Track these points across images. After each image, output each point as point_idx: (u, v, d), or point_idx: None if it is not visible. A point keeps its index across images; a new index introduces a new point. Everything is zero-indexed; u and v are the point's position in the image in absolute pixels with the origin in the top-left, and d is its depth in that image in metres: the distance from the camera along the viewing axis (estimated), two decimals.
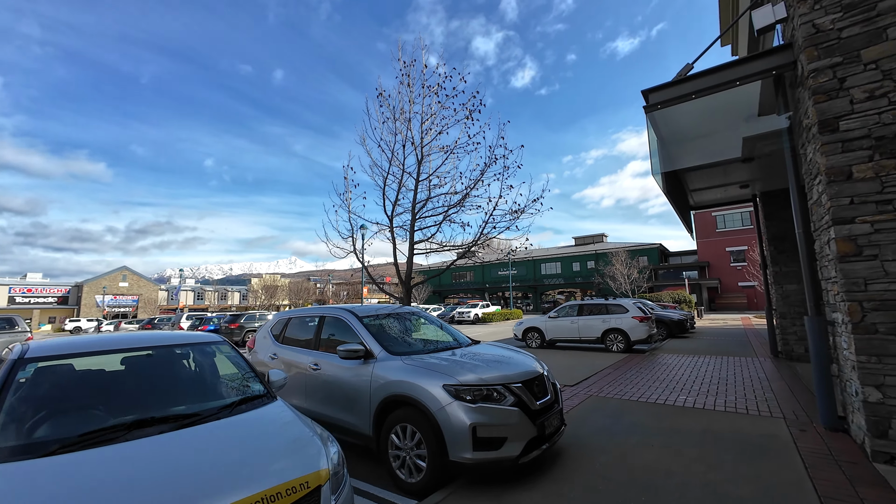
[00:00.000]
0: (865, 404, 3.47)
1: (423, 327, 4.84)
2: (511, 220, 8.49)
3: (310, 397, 4.26)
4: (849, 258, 3.64)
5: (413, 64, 8.44)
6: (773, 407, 5.19)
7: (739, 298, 38.99)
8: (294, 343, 4.78)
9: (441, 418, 3.08)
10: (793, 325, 9.05)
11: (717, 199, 10.57)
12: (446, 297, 60.37)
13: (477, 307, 31.71)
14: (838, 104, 3.80)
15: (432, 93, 8.58)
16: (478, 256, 9.34)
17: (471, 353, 3.92)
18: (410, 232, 8.18)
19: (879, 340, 3.46)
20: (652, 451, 3.78)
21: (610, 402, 5.70)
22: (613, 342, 11.37)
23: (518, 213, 8.51)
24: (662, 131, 5.86)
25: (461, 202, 8.57)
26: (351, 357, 3.75)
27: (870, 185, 3.60)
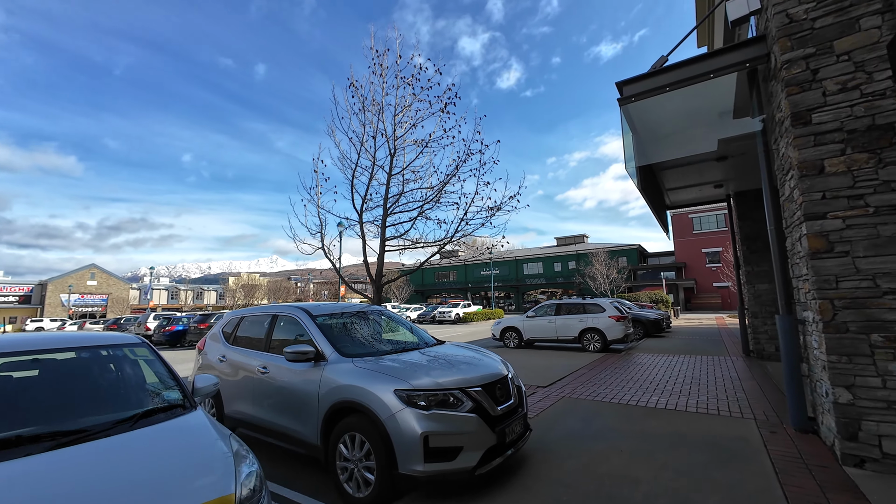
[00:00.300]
0: (836, 405, 3.35)
1: (386, 327, 4.55)
2: (487, 216, 8.27)
3: (257, 404, 3.92)
4: (820, 255, 3.53)
5: (386, 53, 8.13)
6: (743, 407, 5.10)
7: (714, 298, 39.98)
8: (245, 344, 4.42)
9: (391, 427, 2.80)
10: (764, 324, 9.12)
11: (692, 199, 10.62)
12: (429, 297, 60.04)
13: (458, 307, 31.52)
14: (811, 96, 3.69)
15: (406, 84, 8.28)
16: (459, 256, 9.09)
17: (431, 355, 3.65)
18: (382, 228, 7.86)
19: (850, 340, 3.35)
20: (620, 458, 3.59)
21: (582, 403, 5.52)
22: (590, 342, 11.30)
23: (494, 210, 8.30)
24: (637, 126, 5.72)
25: (437, 198, 8.30)
26: (299, 359, 3.42)
27: (841, 179, 3.50)
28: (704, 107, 5.49)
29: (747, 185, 9.29)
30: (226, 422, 4.24)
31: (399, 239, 8.36)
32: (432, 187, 8.06)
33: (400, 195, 8.32)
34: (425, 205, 8.31)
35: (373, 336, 4.14)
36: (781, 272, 4.34)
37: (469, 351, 3.95)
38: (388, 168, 8.12)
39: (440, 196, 8.33)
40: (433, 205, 8.37)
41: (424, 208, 8.36)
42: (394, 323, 4.74)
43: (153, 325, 19.95)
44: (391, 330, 4.57)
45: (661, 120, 5.71)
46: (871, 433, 3.21)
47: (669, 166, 7.84)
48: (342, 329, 4.03)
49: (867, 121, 3.43)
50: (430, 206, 8.39)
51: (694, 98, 5.23)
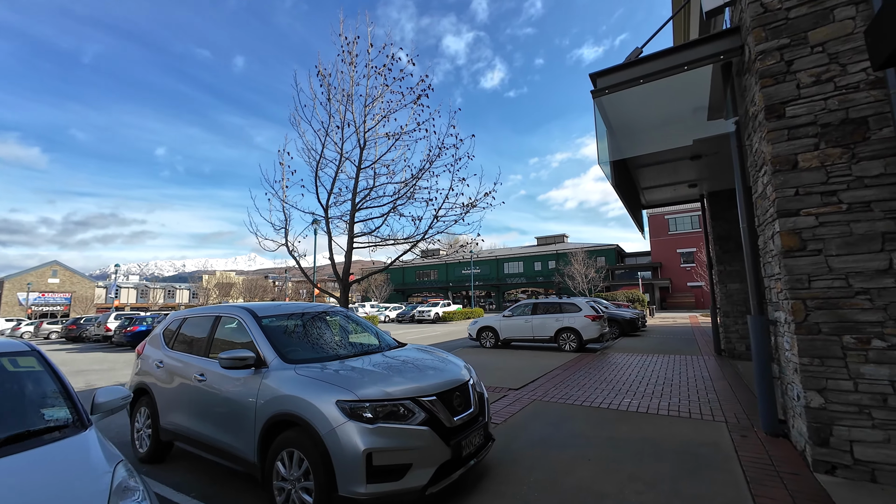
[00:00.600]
0: (807, 410, 3.22)
1: (343, 329, 4.21)
2: (462, 213, 8.01)
3: (194, 415, 3.52)
4: (793, 253, 3.40)
5: (356, 41, 7.75)
6: (714, 410, 5.00)
7: (688, 298, 41.01)
8: (185, 348, 4.01)
9: (330, 443, 2.48)
10: (735, 323, 9.19)
11: (667, 199, 10.64)
12: (409, 296, 59.56)
13: (437, 306, 31.23)
14: (785, 88, 3.56)
15: (378, 74, 7.93)
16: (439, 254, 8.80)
17: (387, 360, 3.35)
18: (350, 224, 7.49)
19: (822, 341, 3.23)
20: (587, 468, 3.37)
21: (553, 407, 5.32)
22: (566, 341, 11.20)
23: (469, 207, 8.04)
24: (612, 120, 5.55)
25: (411, 194, 7.99)
26: (235, 366, 3.06)
27: (815, 174, 3.37)
28: (679, 102, 5.37)
29: (720, 186, 9.34)
30: (161, 435, 3.83)
31: (369, 236, 8.02)
32: (405, 182, 7.74)
33: (371, 189, 7.97)
34: (398, 200, 7.99)
35: (327, 339, 3.79)
36: (753, 271, 4.22)
37: (429, 355, 3.66)
38: (358, 161, 7.75)
39: (414, 192, 8.03)
40: (406, 200, 8.07)
41: (397, 204, 8.04)
42: (355, 325, 4.40)
43: (114, 325, 18.89)
44: (350, 332, 4.23)
45: (636, 115, 5.56)
46: (843, 438, 3.09)
47: (644, 164, 7.77)
48: (292, 332, 3.67)
49: (841, 114, 3.31)
50: (402, 202, 8.08)
51: (668, 93, 5.09)
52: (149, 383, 4.11)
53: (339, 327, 4.19)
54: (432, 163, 7.89)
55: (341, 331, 4.16)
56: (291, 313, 3.90)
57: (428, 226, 7.95)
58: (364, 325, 4.44)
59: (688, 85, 4.92)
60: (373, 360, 3.28)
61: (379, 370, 3.03)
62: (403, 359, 3.42)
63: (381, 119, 7.93)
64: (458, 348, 12.86)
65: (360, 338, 4.15)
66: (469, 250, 8.58)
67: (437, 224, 7.97)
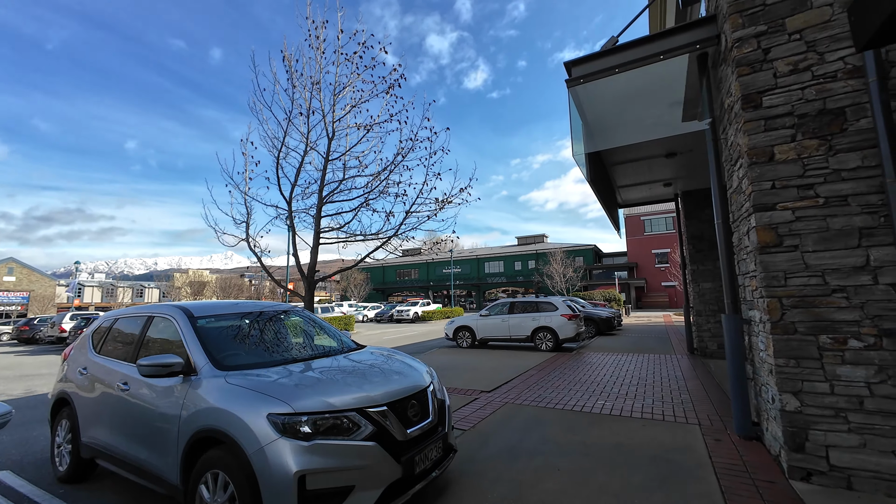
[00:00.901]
0: (783, 413, 3.07)
1: (297, 331, 3.84)
2: (436, 208, 7.73)
3: (116, 429, 3.10)
4: (769, 249, 3.25)
5: (325, 25, 7.33)
6: (688, 411, 4.87)
7: (662, 297, 41.99)
8: (112, 352, 3.56)
9: (258, 464, 2.14)
10: (707, 322, 9.24)
11: (643, 198, 10.64)
12: (389, 296, 58.91)
13: (417, 305, 30.88)
14: (762, 77, 3.41)
15: (348, 61, 7.54)
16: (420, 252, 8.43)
17: (338, 365, 3.02)
18: (316, 218, 7.08)
19: (798, 341, 3.08)
20: (556, 480, 3.13)
21: (524, 410, 5.09)
22: (542, 341, 11.07)
23: (444, 203, 7.77)
24: (587, 112, 5.36)
25: (385, 188, 7.64)
26: (158, 373, 2.66)
27: (791, 167, 3.23)
28: (655, 96, 5.22)
29: (694, 185, 9.37)
30: (82, 451, 3.38)
31: (338, 231, 7.63)
32: (376, 175, 7.38)
33: (340, 182, 7.58)
34: (369, 194, 7.63)
35: (275, 342, 3.42)
36: (728, 269, 4.09)
37: (387, 359, 3.35)
38: (326, 152, 7.35)
39: (387, 186, 7.69)
40: (378, 195, 7.72)
41: (369, 198, 7.68)
42: (311, 326, 4.04)
43: (70, 325, 17.72)
44: (303, 335, 3.87)
45: (611, 107, 5.39)
46: (819, 443, 2.95)
47: (620, 161, 7.67)
48: (233, 334, 3.29)
49: (818, 105, 3.18)
50: (374, 196, 7.72)
51: (644, 85, 4.93)
52: (70, 392, 3.64)
53: (293, 329, 3.82)
54: (405, 156, 7.58)
55: (294, 333, 3.79)
56: (236, 313, 3.51)
57: (400, 221, 7.64)
58: (322, 326, 4.09)
59: (664, 77, 4.77)
60: (322, 366, 2.94)
61: (325, 377, 2.70)
62: (357, 364, 3.09)
63: (351, 108, 7.55)
64: (433, 348, 12.57)
65: (316, 340, 3.80)
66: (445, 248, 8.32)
67: (409, 220, 7.67)
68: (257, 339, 3.32)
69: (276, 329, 3.63)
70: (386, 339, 17.36)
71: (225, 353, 2.98)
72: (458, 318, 13.09)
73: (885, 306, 2.85)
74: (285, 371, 2.73)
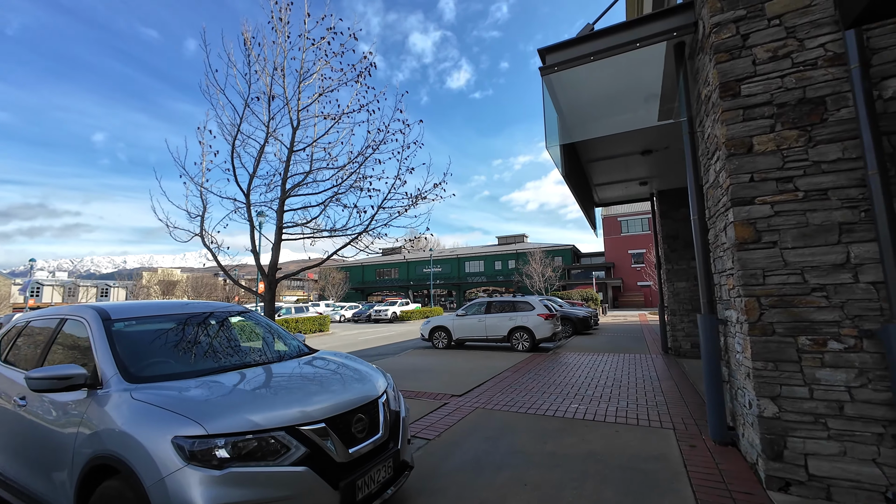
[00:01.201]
0: (760, 419, 2.89)
1: (239, 334, 3.44)
2: (409, 204, 7.39)
3: (8, 451, 2.64)
4: (747, 245, 3.07)
5: (289, 7, 6.88)
6: (662, 414, 4.71)
7: (638, 297, 42.84)
8: (17, 361, 3.08)
9: (157, 499, 1.77)
10: (681, 321, 9.23)
11: (619, 196, 10.59)
12: (369, 295, 58.06)
13: (395, 305, 30.39)
14: (741, 64, 3.23)
15: (316, 47, 7.11)
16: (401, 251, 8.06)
17: (277, 374, 2.66)
18: (279, 213, 6.62)
19: (776, 343, 2.91)
20: (522, 497, 2.85)
21: (495, 416, 4.82)
22: (519, 341, 10.88)
23: (416, 199, 7.44)
24: (562, 103, 5.14)
25: (355, 182, 7.25)
26: (52, 388, 2.23)
27: (770, 159, 3.06)
28: (631, 88, 5.05)
29: (669, 184, 9.35)
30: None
31: (304, 227, 7.18)
32: (343, 167, 6.98)
33: (307, 174, 7.14)
34: (340, 187, 7.23)
35: (209, 348, 3.01)
36: (704, 267, 3.92)
37: (337, 365, 3.00)
38: (290, 142, 6.90)
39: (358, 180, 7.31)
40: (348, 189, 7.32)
41: (339, 192, 7.27)
42: (259, 329, 3.65)
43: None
44: (248, 339, 3.47)
45: (586, 98, 5.18)
46: (797, 451, 2.78)
47: (596, 158, 7.52)
48: (158, 340, 2.86)
49: (798, 93, 3.02)
50: (343, 191, 7.32)
51: (620, 76, 4.74)
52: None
53: (235, 332, 3.41)
54: (375, 149, 7.22)
55: (237, 337, 3.39)
56: (165, 315, 3.08)
57: (371, 216, 7.27)
58: (273, 329, 3.69)
59: (640, 68, 4.59)
60: (258, 376, 2.57)
61: (257, 389, 2.34)
62: (301, 372, 2.73)
63: (318, 97, 7.13)
64: (408, 349, 12.22)
65: (262, 345, 3.40)
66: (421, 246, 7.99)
67: (380, 215, 7.31)
68: (188, 346, 2.90)
69: (214, 333, 3.22)
70: (361, 339, 16.88)
71: (144, 362, 2.57)
72: (434, 318, 12.78)
73: (866, 306, 2.69)
74: (210, 383, 2.35)
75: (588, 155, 7.35)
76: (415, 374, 7.74)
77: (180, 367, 2.62)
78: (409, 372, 7.94)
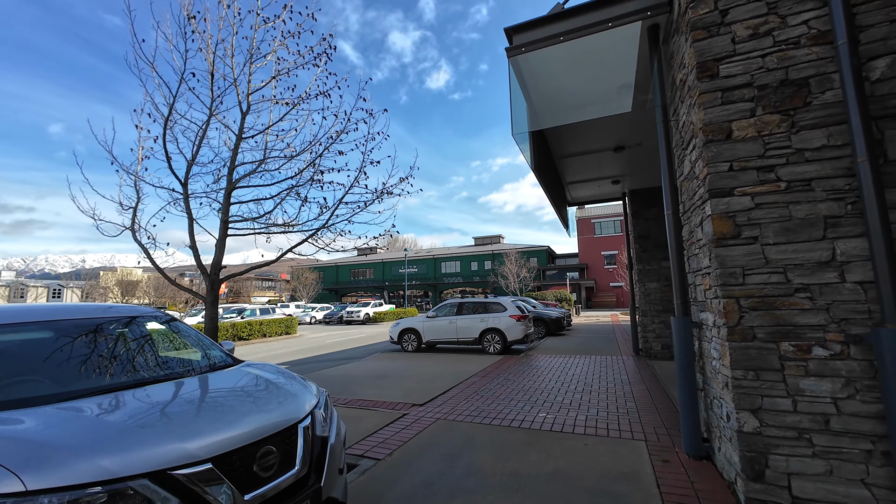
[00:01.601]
0: (740, 435, 2.60)
1: (136, 345, 2.87)
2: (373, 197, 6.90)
3: None
4: (726, 241, 2.77)
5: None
6: (633, 422, 4.42)
7: (610, 297, 43.66)
8: None
9: None
10: (652, 322, 9.12)
11: (592, 196, 10.44)
12: (343, 296, 56.78)
13: (368, 306, 29.61)
14: (719, 43, 2.95)
15: (271, 26, 6.52)
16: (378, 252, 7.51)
17: (165, 397, 2.13)
18: (224, 205, 5.99)
19: (757, 350, 2.62)
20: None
21: (457, 429, 4.40)
22: (490, 343, 10.55)
23: (381, 193, 6.95)
24: (530, 89, 4.79)
25: (315, 174, 6.69)
26: None
27: (751, 146, 2.78)
28: (603, 76, 4.75)
29: (641, 183, 9.25)
30: None
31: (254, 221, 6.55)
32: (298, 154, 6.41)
33: (260, 163, 6.53)
34: (300, 178, 6.65)
35: (88, 364, 2.43)
36: (678, 266, 3.64)
37: (256, 380, 2.50)
38: (239, 128, 6.27)
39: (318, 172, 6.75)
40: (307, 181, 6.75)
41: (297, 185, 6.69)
42: (172, 336, 3.09)
43: None
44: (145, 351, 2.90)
45: (556, 84, 4.85)
46: (780, 471, 2.49)
47: (569, 154, 7.26)
48: (15, 355, 2.28)
49: (780, 74, 2.75)
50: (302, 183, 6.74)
51: (592, 62, 4.43)
52: None
53: (136, 343, 2.84)
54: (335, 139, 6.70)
55: (138, 348, 2.82)
56: (25, 322, 2.48)
57: (331, 212, 6.74)
58: (188, 336, 3.14)
59: (613, 54, 4.30)
60: (135, 400, 2.04)
61: (127, 420, 1.81)
62: (199, 393, 2.22)
63: (272, 80, 6.53)
64: (376, 353, 11.67)
65: (164, 357, 2.85)
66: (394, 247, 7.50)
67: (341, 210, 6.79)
68: (58, 362, 2.32)
69: (105, 344, 2.64)
70: (329, 342, 16.17)
71: None
72: (403, 319, 12.28)
73: (853, 308, 2.43)
74: (62, 413, 1.81)
75: (560, 151, 7.07)
76: (377, 380, 7.24)
77: (30, 391, 2.06)
78: (372, 378, 7.44)
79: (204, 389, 2.25)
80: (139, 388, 2.18)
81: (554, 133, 6.24)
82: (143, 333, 2.91)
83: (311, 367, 9.82)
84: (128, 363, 2.51)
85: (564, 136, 6.47)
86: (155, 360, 2.74)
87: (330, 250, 7.18)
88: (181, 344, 3.13)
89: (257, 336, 18.06)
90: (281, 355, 12.51)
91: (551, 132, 6.24)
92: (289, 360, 11.46)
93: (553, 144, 6.76)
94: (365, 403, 5.58)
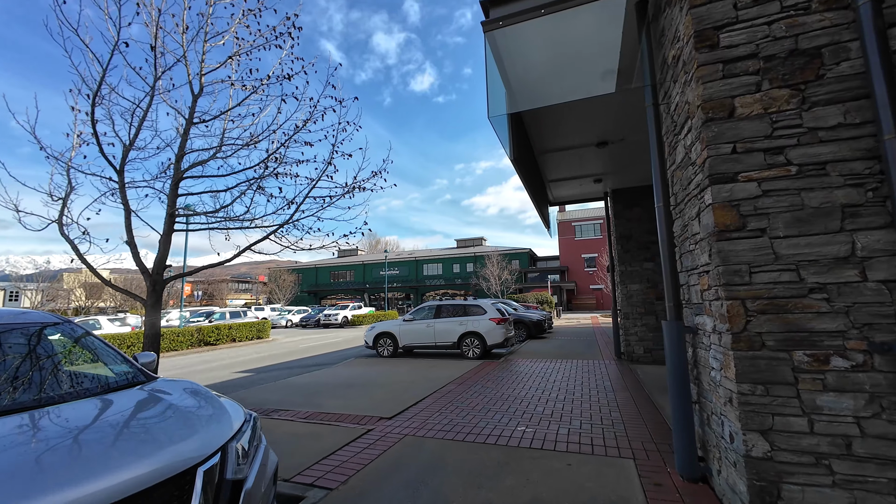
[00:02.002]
0: (748, 460, 2.22)
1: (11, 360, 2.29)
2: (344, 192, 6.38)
3: None
4: (729, 234, 2.40)
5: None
6: (619, 436, 4.04)
7: (591, 299, 43.99)
8: None
9: None
10: (634, 325, 8.86)
11: (574, 195, 10.17)
12: (322, 298, 55.41)
13: (347, 309, 28.79)
14: (719, 9, 2.59)
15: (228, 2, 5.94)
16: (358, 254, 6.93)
17: (28, 436, 1.59)
18: (170, 197, 5.35)
19: (766, 360, 2.25)
20: None
21: (426, 447, 3.92)
22: (470, 347, 10.11)
23: (353, 188, 6.44)
24: (507, 69, 4.38)
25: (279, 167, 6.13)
26: None
27: (756, 125, 2.42)
28: (586, 58, 4.40)
29: (624, 183, 9.01)
30: None
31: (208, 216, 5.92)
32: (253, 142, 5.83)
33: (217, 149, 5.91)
34: (264, 169, 6.07)
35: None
36: (670, 263, 3.27)
37: (159, 407, 1.97)
38: (189, 112, 5.65)
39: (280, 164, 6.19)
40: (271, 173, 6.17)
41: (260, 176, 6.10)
42: (69, 348, 2.51)
43: None
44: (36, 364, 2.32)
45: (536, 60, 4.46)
46: (795, 503, 2.12)
47: (550, 149, 6.91)
48: None
49: (789, 43, 2.40)
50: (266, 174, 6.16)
51: (574, 43, 4.07)
52: None
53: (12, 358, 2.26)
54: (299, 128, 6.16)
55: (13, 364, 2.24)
56: None
57: (296, 207, 6.18)
58: (88, 348, 2.57)
59: (596, 35, 3.94)
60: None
61: None
62: (73, 424, 1.68)
63: (227, 60, 5.94)
64: (349, 358, 11.06)
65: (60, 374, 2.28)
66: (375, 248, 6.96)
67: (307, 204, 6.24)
68: None
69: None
70: (302, 346, 15.41)
71: None
72: (379, 323, 11.72)
73: (877, 311, 2.09)
74: None
75: (542, 145, 6.71)
76: (345, 389, 6.69)
77: None
78: (340, 388, 6.87)
79: (68, 423, 1.71)
80: (20, 414, 1.62)
81: (535, 125, 5.88)
82: (61, 340, 2.33)
83: (275, 374, 9.15)
84: (18, 381, 1.93)
85: (546, 130, 6.11)
86: (62, 373, 2.18)
87: (296, 249, 6.60)
88: (85, 358, 2.55)
89: (226, 341, 17.11)
90: (246, 362, 11.74)
91: (532, 123, 5.87)
92: (254, 367, 10.72)
93: (534, 138, 6.40)
94: (327, 417, 5.04)
